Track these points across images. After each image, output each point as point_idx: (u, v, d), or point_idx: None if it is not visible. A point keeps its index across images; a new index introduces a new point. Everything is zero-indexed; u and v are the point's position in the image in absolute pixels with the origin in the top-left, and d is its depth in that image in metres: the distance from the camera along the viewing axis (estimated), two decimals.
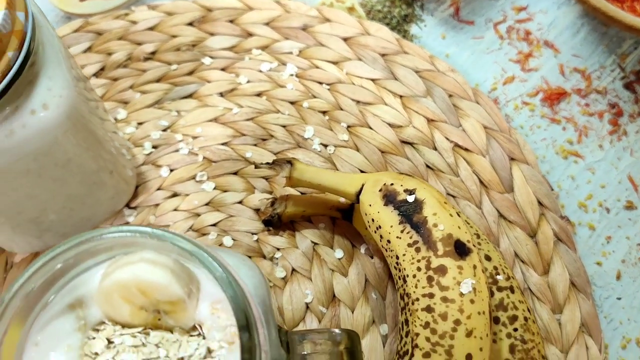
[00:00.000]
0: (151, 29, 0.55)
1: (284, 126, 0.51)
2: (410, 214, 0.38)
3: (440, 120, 0.51)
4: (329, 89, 0.52)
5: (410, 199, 0.38)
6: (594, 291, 0.47)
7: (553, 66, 0.55)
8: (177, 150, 0.50)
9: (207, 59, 0.54)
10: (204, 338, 0.26)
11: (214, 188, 0.48)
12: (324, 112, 0.52)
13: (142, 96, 0.52)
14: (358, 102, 0.52)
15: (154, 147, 0.50)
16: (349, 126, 0.51)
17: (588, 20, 0.57)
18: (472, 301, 0.35)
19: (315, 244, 0.47)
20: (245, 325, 0.23)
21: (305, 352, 0.29)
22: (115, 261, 0.26)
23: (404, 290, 0.37)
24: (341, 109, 0.52)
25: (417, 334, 0.35)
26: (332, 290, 0.45)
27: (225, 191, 0.48)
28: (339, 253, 0.46)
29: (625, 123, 0.52)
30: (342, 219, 0.46)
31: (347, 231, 0.47)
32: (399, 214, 0.38)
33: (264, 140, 0.50)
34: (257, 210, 0.48)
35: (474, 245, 0.37)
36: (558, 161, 0.51)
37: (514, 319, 0.39)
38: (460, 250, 0.36)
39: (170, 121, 0.51)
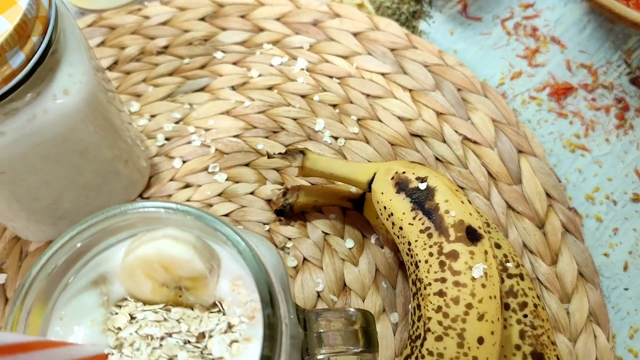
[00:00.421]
0: (164, 23, 0.56)
1: (294, 119, 0.52)
2: (422, 201, 0.38)
3: (449, 113, 0.51)
4: (339, 83, 0.53)
5: (422, 186, 0.39)
6: (602, 282, 0.47)
7: (560, 62, 0.56)
8: (189, 142, 0.51)
9: (219, 53, 0.55)
10: (224, 314, 0.27)
11: (226, 179, 0.49)
12: (334, 106, 0.52)
13: (155, 89, 0.53)
14: (368, 95, 0.53)
15: (167, 139, 0.51)
16: (359, 119, 0.52)
17: (594, 17, 0.58)
18: (483, 285, 0.36)
19: (326, 234, 0.47)
20: (268, 299, 0.24)
21: (321, 330, 0.29)
22: (138, 238, 0.27)
23: (416, 275, 0.38)
24: (351, 102, 0.52)
25: (430, 318, 0.36)
26: (343, 279, 0.46)
27: (237, 182, 0.49)
28: (349, 243, 0.47)
29: (631, 117, 0.53)
30: (353, 209, 0.47)
31: (357, 222, 0.47)
32: (411, 201, 0.39)
33: (275, 132, 0.51)
34: (268, 201, 0.48)
35: (484, 232, 0.37)
36: (565, 154, 0.52)
37: (523, 305, 0.39)
38: (472, 236, 0.37)
39: (183, 114, 0.52)
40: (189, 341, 0.26)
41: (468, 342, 0.35)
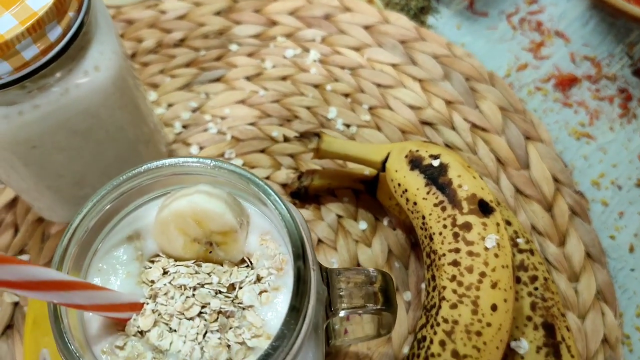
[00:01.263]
0: (180, 18, 0.58)
1: (308, 108, 0.53)
2: (435, 176, 0.40)
3: (458, 102, 0.53)
4: (350, 74, 0.55)
5: (435, 163, 0.40)
6: (608, 263, 0.48)
7: (564, 54, 0.58)
8: (206, 130, 0.52)
9: (234, 45, 0.57)
10: (252, 269, 0.28)
11: (242, 165, 0.51)
12: (346, 95, 0.54)
13: (172, 80, 0.55)
14: (379, 85, 0.54)
15: (184, 126, 0.52)
16: (370, 107, 0.53)
17: (596, 12, 0.60)
18: (496, 255, 0.37)
19: (340, 216, 0.49)
20: (300, 249, 0.25)
21: (342, 288, 0.30)
22: (171, 195, 0.28)
23: (430, 248, 0.39)
24: (363, 92, 0.54)
25: (444, 287, 0.37)
26: (357, 259, 0.47)
27: (252, 167, 0.50)
28: (362, 225, 0.48)
29: (634, 107, 0.55)
30: (366, 192, 0.48)
31: (370, 205, 0.49)
32: (424, 177, 0.40)
33: (289, 121, 0.53)
34: (284, 185, 0.50)
35: (496, 206, 0.39)
36: (571, 142, 0.53)
37: (534, 278, 0.41)
38: (484, 208, 0.38)
39: (199, 103, 0.53)
40: (220, 291, 0.27)
41: (482, 309, 0.36)
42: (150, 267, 0.28)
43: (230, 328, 0.26)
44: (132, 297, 0.26)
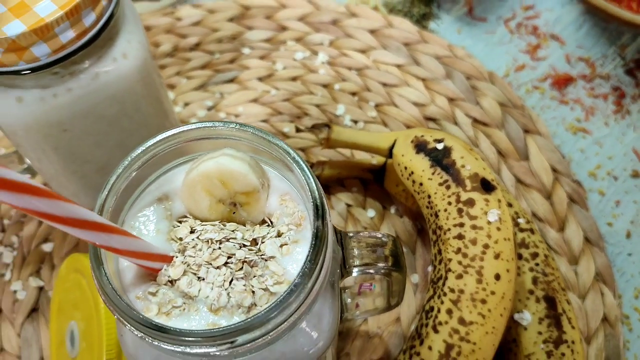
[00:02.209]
0: (195, 24, 0.61)
1: (317, 105, 0.56)
2: (440, 158, 0.42)
3: (459, 99, 0.56)
4: (357, 74, 0.58)
5: (440, 146, 0.43)
6: (606, 248, 0.50)
7: (560, 56, 0.61)
8: None
9: (247, 49, 0.60)
10: (273, 227, 0.30)
11: None
12: (353, 94, 0.57)
13: (188, 81, 0.58)
14: (384, 84, 0.57)
15: None
16: (376, 105, 0.56)
17: (590, 16, 0.63)
18: (498, 229, 0.39)
19: (349, 205, 0.51)
20: (320, 201, 0.28)
21: (355, 248, 0.33)
22: (198, 159, 0.31)
23: (436, 224, 0.41)
24: (369, 90, 0.57)
25: (450, 259, 0.39)
26: None
27: None
28: (370, 213, 0.50)
29: (628, 104, 0.57)
30: (374, 181, 0.51)
31: (377, 194, 0.51)
32: (429, 160, 0.43)
33: (299, 117, 0.56)
34: None
35: (497, 184, 0.41)
36: (568, 136, 0.56)
37: (535, 255, 0.43)
38: (486, 186, 0.41)
39: (214, 102, 0.56)
40: (244, 245, 0.29)
41: (486, 279, 0.38)
42: (179, 226, 0.30)
43: (254, 276, 0.28)
44: (163, 250, 0.29)
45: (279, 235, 0.30)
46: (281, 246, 0.29)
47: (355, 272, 0.33)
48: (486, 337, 0.38)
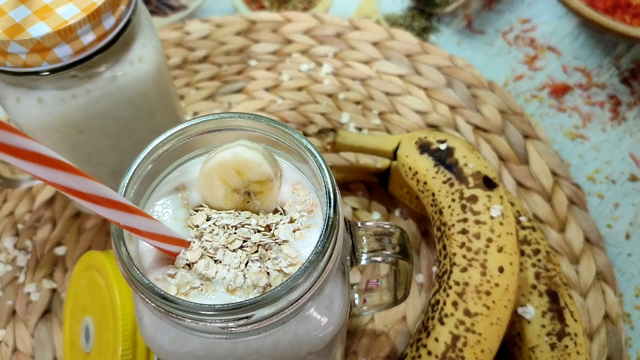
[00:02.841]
0: (203, 38, 0.63)
1: (322, 114, 0.58)
2: (443, 158, 0.44)
3: (460, 106, 0.58)
4: (361, 84, 0.60)
5: (443, 146, 0.44)
6: (606, 249, 0.52)
7: (557, 66, 0.63)
8: None
9: (253, 61, 0.62)
10: (286, 215, 0.32)
11: None
12: (357, 103, 0.59)
13: (197, 92, 0.60)
14: (387, 93, 0.59)
15: None
16: (380, 113, 0.58)
17: (585, 28, 0.65)
18: (501, 223, 0.40)
19: (355, 208, 0.52)
20: (331, 183, 0.29)
21: (363, 236, 0.34)
22: (214, 150, 0.32)
23: (440, 221, 0.43)
24: (372, 99, 0.59)
25: (455, 254, 0.41)
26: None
27: None
28: (376, 215, 0.52)
29: (624, 111, 0.59)
30: (379, 185, 0.52)
31: (382, 198, 0.53)
32: (433, 159, 0.44)
33: (305, 126, 0.57)
34: None
35: (499, 182, 0.43)
36: (566, 142, 0.57)
37: (537, 251, 0.44)
38: (488, 183, 0.42)
39: (223, 111, 0.58)
40: (258, 230, 0.31)
41: (490, 271, 0.39)
42: (195, 214, 0.32)
43: (269, 259, 0.29)
44: (181, 235, 0.30)
45: (291, 221, 0.31)
46: (294, 231, 0.31)
47: (364, 259, 0.34)
48: (491, 327, 0.39)
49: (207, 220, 0.32)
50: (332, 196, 0.29)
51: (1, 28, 0.34)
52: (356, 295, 0.43)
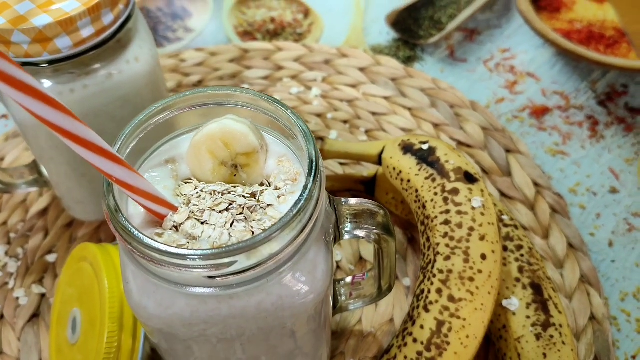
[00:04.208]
0: (198, 64, 0.66)
1: (311, 132, 0.60)
2: (425, 157, 0.45)
3: (444, 124, 0.60)
4: (348, 105, 0.62)
5: (425, 147, 0.46)
6: (591, 256, 0.52)
7: (536, 90, 0.65)
8: None
9: (246, 85, 0.64)
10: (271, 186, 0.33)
11: None
12: (345, 122, 0.61)
13: None
14: (374, 113, 0.61)
15: None
16: (367, 130, 0.60)
17: (562, 57, 0.69)
18: (482, 214, 0.42)
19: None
20: (311, 137, 0.31)
21: (347, 212, 0.35)
22: (203, 126, 0.34)
23: (424, 215, 0.44)
24: (360, 119, 0.61)
25: (438, 244, 0.42)
26: (359, 253, 0.51)
27: None
28: None
29: (602, 129, 0.61)
30: (365, 193, 0.53)
31: None
32: (416, 158, 0.46)
33: None
34: None
35: (480, 177, 0.44)
36: (548, 158, 0.59)
37: (519, 247, 0.45)
38: (469, 178, 0.43)
39: None
40: (244, 197, 0.32)
41: (472, 258, 0.40)
42: (184, 185, 0.33)
43: (254, 220, 0.30)
44: (169, 199, 0.31)
45: (276, 189, 0.32)
46: (278, 197, 0.32)
47: (346, 233, 0.35)
48: (475, 313, 0.39)
49: (195, 189, 0.33)
50: (310, 137, 0.30)
51: (6, 19, 0.37)
52: (342, 290, 0.43)
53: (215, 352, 0.34)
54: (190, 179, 0.34)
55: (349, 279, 0.44)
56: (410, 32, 0.71)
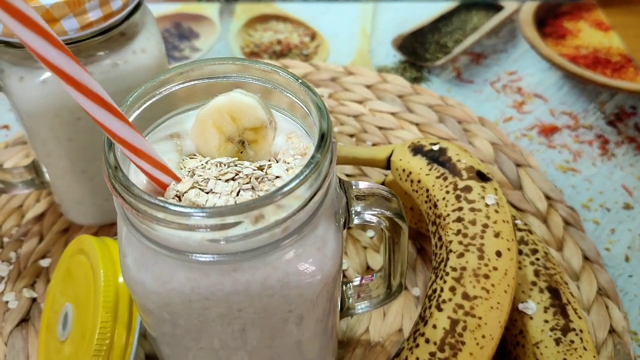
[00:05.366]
0: None
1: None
2: (436, 157, 0.44)
3: (452, 139, 0.59)
4: (355, 120, 0.61)
5: (435, 147, 0.45)
6: (607, 270, 0.50)
7: (544, 110, 0.65)
8: None
9: None
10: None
11: None
12: (351, 135, 0.60)
13: None
14: (381, 128, 0.60)
15: None
16: (373, 144, 0.59)
17: (569, 80, 0.68)
18: (496, 211, 0.40)
19: (349, 227, 0.51)
20: (326, 113, 0.29)
21: (357, 194, 0.33)
22: (210, 101, 0.33)
23: (435, 214, 0.42)
24: (366, 132, 0.60)
25: (450, 241, 0.40)
26: (366, 263, 0.49)
27: None
28: (370, 232, 0.51)
29: (612, 148, 0.60)
30: None
31: None
32: (426, 159, 0.44)
33: None
34: None
35: (492, 177, 0.43)
36: (558, 175, 0.58)
37: (535, 251, 0.43)
38: (482, 177, 0.42)
39: None
40: (252, 168, 0.30)
41: (487, 255, 0.38)
42: (188, 159, 0.32)
43: (261, 190, 0.29)
44: (173, 169, 0.30)
45: (285, 163, 0.31)
46: (287, 170, 0.30)
47: (357, 216, 0.33)
48: (491, 312, 0.37)
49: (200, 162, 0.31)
50: (325, 110, 0.29)
51: None
52: (350, 292, 0.41)
53: (214, 341, 0.32)
54: (195, 155, 0.32)
55: (356, 281, 0.41)
56: (416, 55, 0.72)
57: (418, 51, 0.72)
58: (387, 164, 0.48)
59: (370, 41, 0.74)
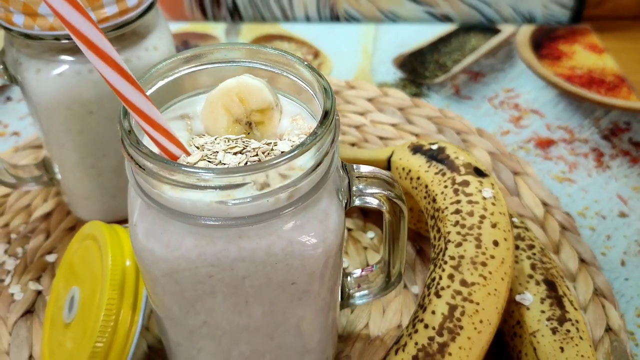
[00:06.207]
0: None
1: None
2: (435, 155, 0.46)
3: None
4: (356, 130, 0.63)
5: (434, 147, 0.46)
6: (603, 274, 0.51)
7: (540, 125, 0.67)
8: None
9: None
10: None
11: None
12: (352, 144, 0.61)
13: None
14: (381, 138, 0.62)
15: None
16: None
17: (564, 97, 0.70)
18: (493, 204, 0.41)
19: (350, 229, 0.53)
20: (332, 95, 0.31)
21: (358, 177, 0.34)
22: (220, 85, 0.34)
23: (434, 208, 0.43)
24: (367, 142, 0.62)
25: (449, 232, 0.41)
26: (367, 262, 0.50)
27: None
28: (370, 234, 0.52)
29: (607, 160, 0.62)
30: None
31: (376, 219, 0.53)
32: (425, 157, 0.46)
33: None
34: None
35: (489, 174, 0.44)
36: (555, 184, 0.59)
37: (531, 246, 0.44)
38: (479, 173, 0.43)
39: None
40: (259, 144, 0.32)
41: (485, 244, 0.39)
42: (198, 138, 0.33)
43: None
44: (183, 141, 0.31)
45: (290, 141, 0.32)
46: (292, 146, 0.32)
47: (358, 197, 0.34)
48: (489, 298, 0.38)
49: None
50: (330, 91, 0.31)
51: None
52: (350, 283, 0.42)
53: (218, 316, 0.33)
54: (204, 135, 0.34)
55: (357, 272, 0.42)
56: (416, 73, 0.74)
57: (418, 69, 0.75)
58: (387, 165, 0.49)
59: (371, 60, 0.76)
